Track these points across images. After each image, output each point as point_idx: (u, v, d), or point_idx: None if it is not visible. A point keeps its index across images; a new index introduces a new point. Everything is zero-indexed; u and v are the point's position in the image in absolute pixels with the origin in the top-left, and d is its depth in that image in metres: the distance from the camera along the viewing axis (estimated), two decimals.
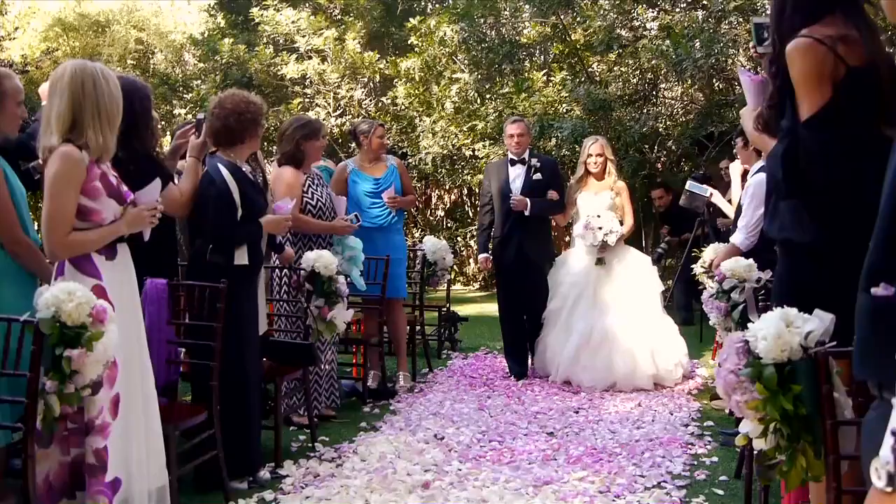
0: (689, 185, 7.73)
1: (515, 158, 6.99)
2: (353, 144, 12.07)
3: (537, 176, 6.89)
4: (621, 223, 6.81)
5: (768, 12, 3.26)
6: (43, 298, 2.94)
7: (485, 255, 7.17)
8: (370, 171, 6.56)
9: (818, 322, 2.45)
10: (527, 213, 6.76)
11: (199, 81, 13.03)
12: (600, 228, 6.61)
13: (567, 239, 7.31)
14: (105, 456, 3.16)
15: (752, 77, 3.17)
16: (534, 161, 6.98)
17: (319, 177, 5.91)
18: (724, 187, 8.63)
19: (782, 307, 2.56)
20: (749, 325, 2.62)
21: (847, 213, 2.75)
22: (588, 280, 6.79)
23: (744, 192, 5.12)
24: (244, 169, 4.59)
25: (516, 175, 6.96)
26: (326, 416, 5.75)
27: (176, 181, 4.49)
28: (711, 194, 7.46)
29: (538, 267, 7.01)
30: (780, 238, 2.98)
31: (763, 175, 4.86)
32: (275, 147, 9.49)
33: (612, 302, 6.69)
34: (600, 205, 6.79)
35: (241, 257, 4.43)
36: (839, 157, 2.78)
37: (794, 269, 2.93)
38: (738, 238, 5.01)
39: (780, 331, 2.43)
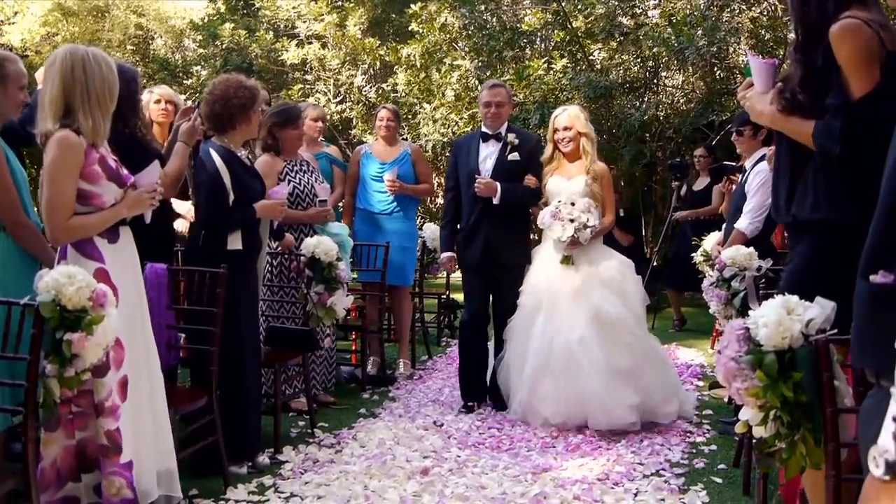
0: None
1: (489, 133, 5.68)
2: (353, 131, 12.24)
3: (514, 156, 5.58)
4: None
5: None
6: (43, 282, 2.94)
7: (449, 253, 5.83)
8: (380, 154, 6.57)
9: (819, 309, 2.45)
10: (495, 200, 5.49)
11: (199, 67, 13.00)
12: (571, 220, 5.24)
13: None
14: (118, 437, 3.17)
15: (761, 60, 3.12)
16: (510, 137, 5.62)
17: (307, 164, 5.77)
18: (694, 176, 8.70)
19: (805, 294, 2.53)
20: (750, 312, 2.62)
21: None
22: (549, 285, 5.40)
23: (750, 179, 5.10)
24: (240, 154, 4.57)
25: (488, 154, 5.65)
26: (325, 402, 5.76)
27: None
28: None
29: (508, 270, 5.64)
30: (812, 218, 2.89)
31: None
32: None
33: (578, 313, 5.24)
34: (573, 193, 5.43)
35: (235, 242, 4.40)
36: (888, 137, 2.74)
37: (827, 253, 2.86)
38: (742, 223, 5.00)
39: (781, 318, 2.43)
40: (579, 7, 10.62)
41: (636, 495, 4.11)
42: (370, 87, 12.40)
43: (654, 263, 9.77)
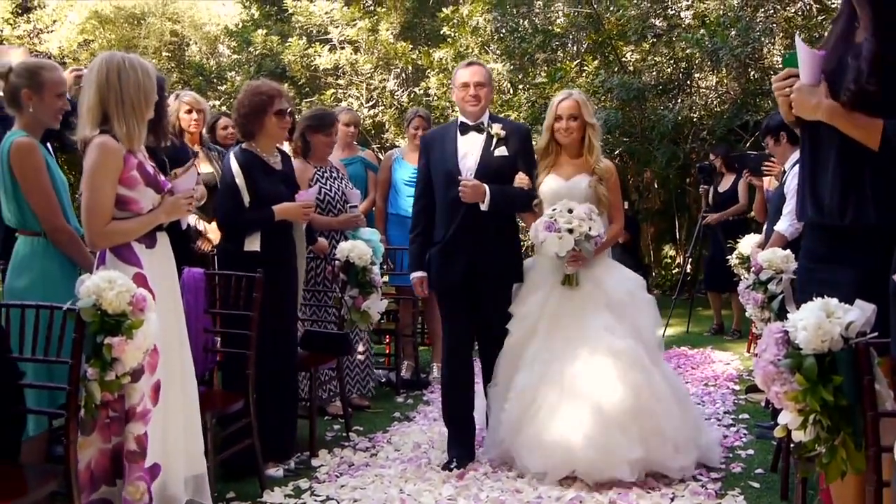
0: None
1: (469, 123, 4.62)
2: (386, 135, 12.28)
3: (501, 150, 4.57)
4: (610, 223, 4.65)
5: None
6: (84, 287, 2.98)
7: (420, 273, 4.72)
8: (412, 159, 6.59)
9: (859, 312, 2.42)
10: (483, 206, 4.47)
11: (233, 73, 13.14)
12: (570, 231, 4.32)
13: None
14: (145, 442, 3.20)
15: (811, 49, 2.83)
16: (496, 128, 4.58)
17: (336, 170, 5.78)
18: (718, 178, 8.66)
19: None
20: (787, 315, 2.59)
21: None
22: (545, 308, 4.48)
23: (788, 181, 5.05)
24: (268, 158, 4.58)
25: (469, 149, 4.59)
26: (360, 406, 5.78)
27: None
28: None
29: (500, 293, 4.61)
30: (881, 224, 2.69)
31: None
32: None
33: (576, 344, 4.35)
34: (573, 196, 4.52)
35: (252, 244, 4.44)
36: None
37: None
38: (782, 225, 4.95)
39: (821, 321, 2.40)
40: (611, 9, 10.59)
41: (672, 500, 4.07)
42: (402, 91, 12.43)
43: (688, 268, 9.72)
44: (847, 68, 2.73)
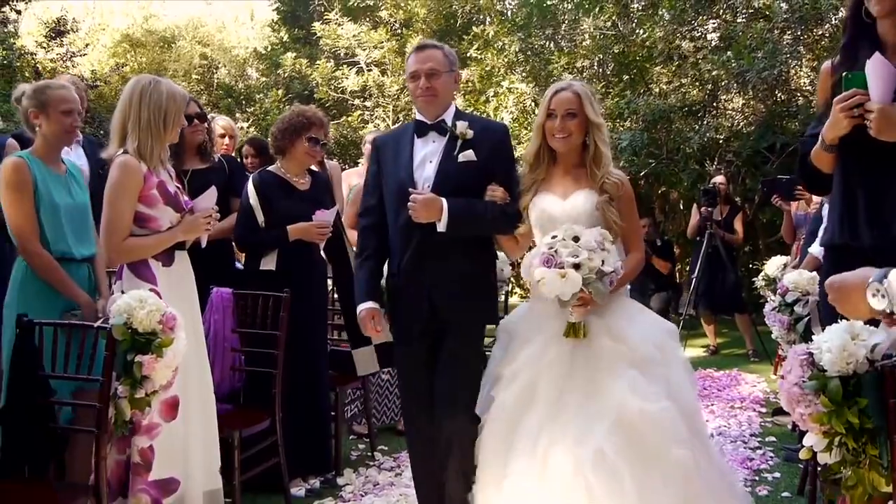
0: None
1: (427, 122, 3.56)
2: None
3: (467, 155, 3.47)
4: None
5: None
6: (116, 305, 3.04)
7: (370, 305, 3.57)
8: None
9: (885, 334, 2.41)
10: (440, 227, 3.39)
11: (261, 95, 13.30)
12: (576, 266, 3.08)
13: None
14: (150, 455, 3.23)
15: (892, 67, 2.64)
16: (460, 127, 3.50)
17: None
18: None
19: None
20: (813, 337, 2.58)
21: None
22: (542, 364, 3.26)
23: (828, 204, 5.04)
24: (293, 179, 4.63)
25: (427, 154, 3.54)
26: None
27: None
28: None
29: (462, 335, 3.54)
30: None
31: None
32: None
33: (591, 415, 3.11)
34: (574, 219, 3.31)
35: (268, 263, 4.51)
36: None
37: None
38: (816, 248, 4.95)
39: (846, 343, 2.39)
40: (637, 31, 10.62)
41: None
42: None
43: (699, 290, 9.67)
44: None
